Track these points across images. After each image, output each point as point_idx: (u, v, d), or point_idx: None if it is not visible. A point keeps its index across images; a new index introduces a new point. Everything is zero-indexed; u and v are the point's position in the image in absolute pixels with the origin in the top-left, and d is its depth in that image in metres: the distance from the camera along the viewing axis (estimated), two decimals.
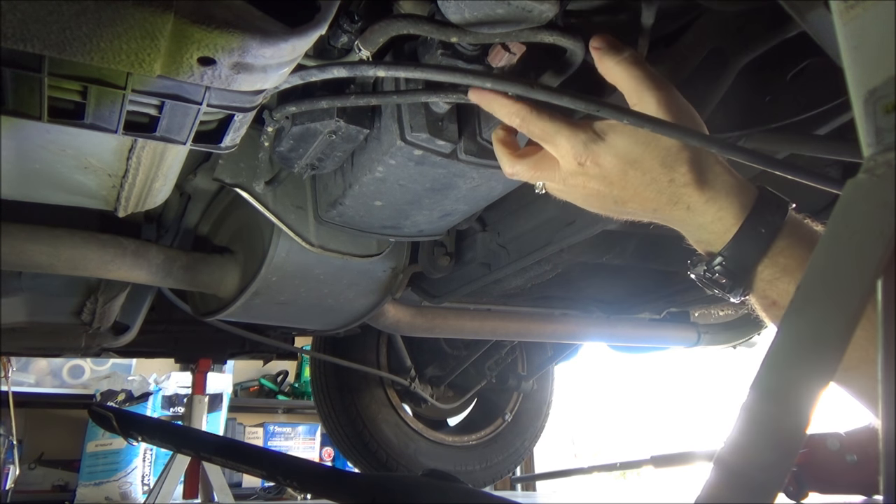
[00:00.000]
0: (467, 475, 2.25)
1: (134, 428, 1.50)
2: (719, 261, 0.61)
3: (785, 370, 0.35)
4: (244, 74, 0.58)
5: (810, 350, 0.34)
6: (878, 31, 0.34)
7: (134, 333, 1.65)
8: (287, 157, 0.93)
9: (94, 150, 0.78)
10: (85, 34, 0.51)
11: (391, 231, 1.11)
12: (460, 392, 2.35)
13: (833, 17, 0.36)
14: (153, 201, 0.98)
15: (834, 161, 1.15)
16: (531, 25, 0.65)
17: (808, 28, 0.65)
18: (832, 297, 0.34)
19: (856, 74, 0.35)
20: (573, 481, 3.57)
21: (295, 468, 1.31)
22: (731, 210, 0.61)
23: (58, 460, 3.41)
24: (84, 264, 1.11)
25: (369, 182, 0.92)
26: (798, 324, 0.36)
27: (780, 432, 0.34)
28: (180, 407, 3.14)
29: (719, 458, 0.36)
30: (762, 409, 0.35)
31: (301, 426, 4.10)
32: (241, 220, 1.28)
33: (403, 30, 0.67)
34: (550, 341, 2.14)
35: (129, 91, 0.61)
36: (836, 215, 0.35)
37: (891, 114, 0.33)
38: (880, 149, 0.33)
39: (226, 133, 0.71)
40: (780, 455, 0.33)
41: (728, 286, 0.62)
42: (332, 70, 0.68)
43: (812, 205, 1.35)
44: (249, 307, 1.27)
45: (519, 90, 0.62)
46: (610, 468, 3.25)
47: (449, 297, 1.50)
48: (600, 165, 0.62)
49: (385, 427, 2.14)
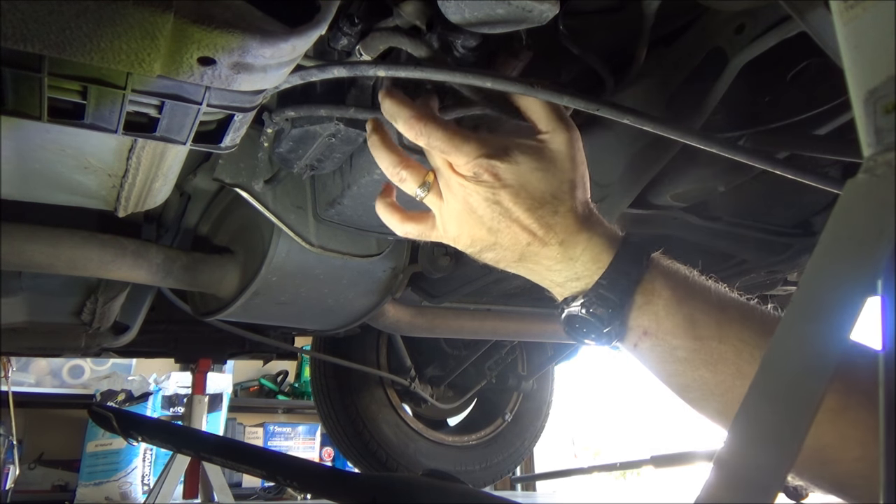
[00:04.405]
0: (467, 475, 2.25)
1: (134, 428, 1.49)
2: (599, 289, 0.61)
3: (785, 370, 0.35)
4: (244, 74, 0.58)
5: (810, 349, 0.34)
6: (877, 31, 0.34)
7: (134, 333, 1.65)
8: (286, 158, 0.93)
9: (94, 150, 0.78)
10: (85, 34, 0.51)
11: (390, 230, 1.11)
12: (460, 392, 2.35)
13: (833, 17, 0.36)
14: (153, 201, 0.97)
15: (834, 161, 1.15)
16: (532, 25, 0.65)
17: (808, 28, 0.65)
18: (832, 297, 0.34)
19: (856, 74, 0.35)
20: (573, 481, 3.58)
21: (295, 468, 1.30)
22: (602, 244, 0.62)
23: (58, 460, 3.41)
24: (84, 264, 1.11)
25: (367, 183, 0.92)
26: (798, 323, 0.36)
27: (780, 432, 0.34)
28: (180, 407, 3.14)
29: (719, 458, 0.36)
30: (763, 408, 0.35)
31: (301, 426, 4.10)
32: (241, 220, 1.28)
33: (403, 46, 0.68)
34: (550, 341, 2.14)
35: (129, 91, 0.61)
36: (836, 215, 0.35)
37: (891, 114, 0.33)
38: (880, 149, 0.33)
39: (226, 133, 0.71)
40: (780, 455, 0.33)
41: (605, 319, 0.61)
42: (332, 70, 0.68)
43: (812, 205, 1.36)
44: (249, 307, 1.27)
45: (519, 90, 0.62)
46: (610, 468, 3.25)
47: (449, 297, 1.50)
48: (498, 178, 0.62)
49: (385, 427, 2.14)
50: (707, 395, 0.59)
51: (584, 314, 0.62)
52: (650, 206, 1.24)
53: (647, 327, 0.61)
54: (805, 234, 1.38)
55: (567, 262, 0.63)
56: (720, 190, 1.19)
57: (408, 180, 0.68)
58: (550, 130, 0.64)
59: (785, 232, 1.37)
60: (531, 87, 0.61)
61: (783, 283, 1.57)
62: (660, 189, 1.19)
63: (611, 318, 0.61)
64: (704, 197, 1.25)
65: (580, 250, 0.62)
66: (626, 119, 0.64)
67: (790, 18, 0.78)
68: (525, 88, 0.62)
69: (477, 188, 0.63)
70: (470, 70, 0.63)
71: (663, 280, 0.61)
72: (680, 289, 0.60)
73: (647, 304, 0.60)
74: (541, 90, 0.62)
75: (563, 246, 0.63)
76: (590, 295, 0.62)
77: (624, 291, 0.61)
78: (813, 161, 1.12)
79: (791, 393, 0.34)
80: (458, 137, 0.63)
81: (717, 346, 0.57)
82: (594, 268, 0.62)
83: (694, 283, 0.61)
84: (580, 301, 0.63)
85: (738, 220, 1.35)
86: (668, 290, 0.60)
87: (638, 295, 0.61)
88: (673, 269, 0.62)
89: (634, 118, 0.64)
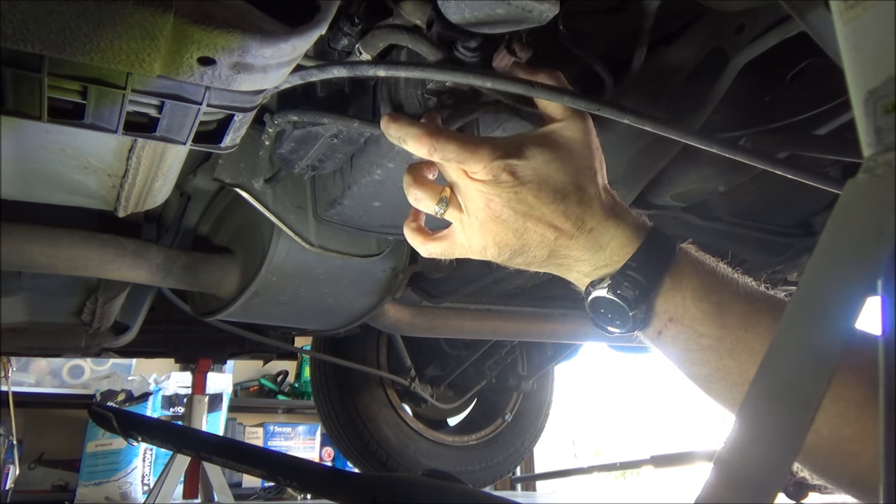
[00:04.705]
0: (467, 475, 2.25)
1: (134, 428, 1.49)
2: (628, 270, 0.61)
3: (785, 370, 0.35)
4: (244, 74, 0.58)
5: (810, 349, 0.34)
6: (878, 31, 0.34)
7: (134, 333, 1.65)
8: (288, 159, 0.93)
9: (94, 149, 0.78)
10: (85, 34, 0.51)
11: (390, 230, 1.11)
12: (460, 392, 2.35)
13: (833, 17, 0.36)
14: (153, 201, 0.97)
15: (834, 161, 1.15)
16: (532, 25, 0.65)
17: (808, 28, 0.65)
18: (832, 297, 0.34)
19: (856, 74, 0.35)
20: (573, 481, 3.58)
21: (295, 468, 1.30)
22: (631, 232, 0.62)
23: (58, 460, 3.41)
24: (84, 264, 1.11)
25: (368, 184, 0.92)
26: (799, 323, 0.36)
27: (780, 432, 0.34)
28: (180, 407, 3.14)
29: (719, 458, 0.36)
30: (763, 408, 0.35)
31: (301, 426, 4.10)
32: (241, 220, 1.28)
33: (403, 42, 0.68)
34: (550, 341, 2.14)
35: (129, 91, 0.61)
36: (836, 215, 0.35)
37: (891, 114, 0.33)
38: (880, 149, 0.33)
39: (226, 133, 0.71)
40: (780, 455, 0.33)
41: (632, 301, 0.61)
42: (332, 70, 0.68)
43: (812, 205, 1.36)
44: (249, 307, 1.27)
45: (519, 90, 0.62)
46: (610, 468, 3.25)
47: (449, 297, 1.50)
48: (517, 177, 0.61)
49: (385, 427, 2.14)
50: (730, 385, 0.58)
51: (610, 296, 0.61)
52: (650, 206, 1.24)
53: (673, 313, 0.60)
54: (805, 234, 1.38)
55: (597, 250, 0.62)
56: (720, 190, 1.19)
57: (423, 199, 0.67)
58: (565, 119, 0.64)
59: (785, 232, 1.38)
60: (531, 87, 0.62)
61: (783, 283, 1.57)
62: (660, 189, 1.19)
63: (637, 301, 0.60)
64: (704, 197, 1.24)
65: (609, 237, 0.62)
66: (627, 119, 0.64)
67: (790, 18, 0.78)
68: (525, 88, 0.62)
69: (498, 191, 0.62)
70: (470, 70, 0.63)
71: (692, 268, 0.60)
72: (708, 277, 0.60)
73: (675, 290, 0.60)
74: (541, 90, 0.62)
75: (592, 234, 0.62)
76: (617, 277, 0.61)
77: (653, 273, 0.60)
78: (813, 161, 1.12)
79: (791, 392, 0.34)
80: (470, 144, 0.62)
81: (743, 335, 0.57)
82: (623, 253, 0.61)
83: (722, 273, 0.61)
84: (607, 283, 0.62)
85: (738, 220, 1.35)
86: (697, 278, 0.60)
87: (667, 279, 0.60)
88: (701, 259, 0.62)
89: (635, 118, 0.64)
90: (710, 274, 0.61)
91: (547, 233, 0.62)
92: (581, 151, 0.63)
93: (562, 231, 0.62)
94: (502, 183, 0.61)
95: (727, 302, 0.58)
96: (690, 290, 0.59)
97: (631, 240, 0.61)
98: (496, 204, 0.62)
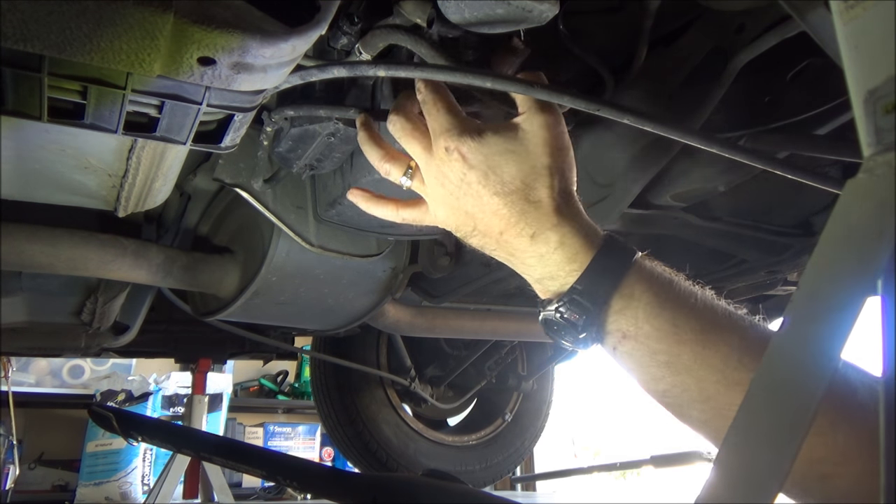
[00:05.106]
0: (467, 475, 2.24)
1: (134, 428, 1.49)
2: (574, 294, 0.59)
3: (785, 369, 0.35)
4: (244, 74, 0.58)
5: (810, 349, 0.34)
6: (878, 31, 0.34)
7: (134, 333, 1.65)
8: (286, 158, 0.93)
9: (94, 149, 0.78)
10: (85, 34, 0.51)
11: (390, 230, 1.11)
12: (460, 392, 2.35)
13: (833, 17, 0.36)
14: (153, 201, 0.97)
15: (834, 161, 1.15)
16: (531, 25, 0.65)
17: (808, 28, 0.65)
18: (832, 297, 0.34)
19: (856, 74, 0.35)
20: (573, 481, 3.57)
21: (295, 468, 1.30)
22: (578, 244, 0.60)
23: (58, 460, 3.41)
24: (84, 264, 1.11)
25: (367, 184, 0.92)
26: (798, 322, 0.36)
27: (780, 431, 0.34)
28: (180, 407, 3.14)
29: (719, 458, 0.36)
30: (763, 407, 0.35)
31: (301, 426, 4.10)
32: (241, 220, 1.28)
33: (403, 42, 0.68)
34: (550, 341, 2.14)
35: (129, 91, 0.61)
36: (836, 215, 0.35)
37: (891, 114, 0.33)
38: (880, 149, 0.33)
39: (226, 133, 0.71)
40: (780, 454, 0.33)
41: (580, 325, 0.59)
42: (332, 70, 0.68)
43: (812, 205, 1.36)
44: (249, 307, 1.27)
45: (519, 90, 0.62)
46: (610, 468, 3.25)
47: (449, 297, 1.49)
48: (466, 160, 0.61)
49: (385, 427, 2.14)
50: (688, 401, 0.57)
51: (558, 318, 0.60)
52: (650, 206, 1.24)
53: (626, 331, 0.58)
54: (805, 234, 1.38)
55: (538, 258, 0.61)
56: (720, 190, 1.19)
57: (392, 172, 0.69)
58: (526, 111, 0.63)
59: (785, 232, 1.37)
60: (531, 87, 0.61)
61: (783, 283, 1.57)
62: (660, 189, 1.19)
63: (586, 325, 0.59)
64: (704, 197, 1.24)
65: (552, 248, 0.60)
66: (626, 119, 0.64)
67: (790, 18, 0.78)
68: (525, 88, 0.62)
69: (450, 166, 0.62)
70: (470, 70, 0.63)
71: (645, 284, 0.58)
72: (663, 292, 0.58)
73: (626, 309, 0.58)
74: (541, 89, 0.62)
75: (534, 240, 0.60)
76: (564, 299, 0.60)
77: (599, 297, 0.58)
78: (813, 161, 1.12)
79: (791, 392, 0.34)
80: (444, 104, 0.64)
81: (700, 351, 0.55)
82: (569, 268, 0.60)
83: (679, 287, 0.59)
84: (555, 304, 0.60)
85: (738, 220, 1.34)
86: (650, 294, 0.58)
87: (615, 300, 0.58)
88: (657, 272, 0.60)
89: (634, 118, 0.64)
90: (666, 288, 0.58)
91: (492, 221, 0.62)
92: (536, 149, 0.61)
93: (507, 223, 0.61)
94: (454, 160, 0.62)
95: (683, 317, 0.56)
96: (643, 307, 0.57)
97: (578, 254, 0.59)
98: (447, 182, 0.63)
